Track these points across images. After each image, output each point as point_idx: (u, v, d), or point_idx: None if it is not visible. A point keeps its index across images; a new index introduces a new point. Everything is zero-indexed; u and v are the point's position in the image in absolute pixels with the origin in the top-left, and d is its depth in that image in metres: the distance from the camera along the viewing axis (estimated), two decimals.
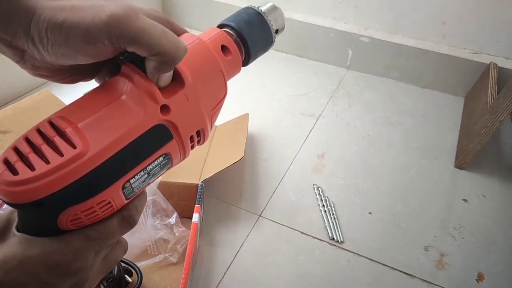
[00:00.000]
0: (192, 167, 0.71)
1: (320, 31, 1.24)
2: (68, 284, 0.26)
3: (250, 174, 0.84)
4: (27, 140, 0.24)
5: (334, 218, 0.75)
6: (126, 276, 0.55)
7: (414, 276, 0.66)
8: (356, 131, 1.00)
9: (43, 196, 0.23)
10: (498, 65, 1.08)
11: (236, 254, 0.67)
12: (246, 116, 0.86)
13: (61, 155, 0.23)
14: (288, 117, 1.03)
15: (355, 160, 0.90)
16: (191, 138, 0.29)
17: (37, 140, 0.23)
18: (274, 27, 0.34)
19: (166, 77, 0.26)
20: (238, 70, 0.32)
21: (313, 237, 0.72)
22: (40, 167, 0.22)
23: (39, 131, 0.24)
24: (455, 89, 1.17)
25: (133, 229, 0.29)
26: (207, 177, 0.67)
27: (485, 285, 0.66)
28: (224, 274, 0.64)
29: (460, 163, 0.89)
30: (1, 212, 0.58)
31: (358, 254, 0.69)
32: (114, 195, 0.26)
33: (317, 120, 1.03)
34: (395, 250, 0.70)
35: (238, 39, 0.31)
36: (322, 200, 0.78)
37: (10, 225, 0.26)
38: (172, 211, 0.64)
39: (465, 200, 0.82)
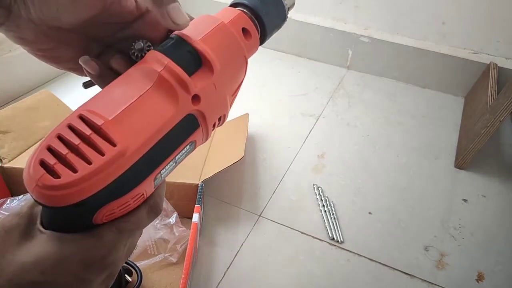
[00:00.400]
0: (192, 167, 0.71)
1: (320, 31, 1.24)
2: (102, 277, 0.26)
3: (250, 174, 0.84)
4: (61, 138, 0.22)
5: (334, 218, 0.75)
6: (126, 275, 0.55)
7: (414, 276, 0.66)
8: (356, 131, 1.00)
9: (85, 198, 0.22)
10: (498, 65, 1.08)
11: (236, 254, 0.67)
12: (246, 116, 0.86)
13: (102, 154, 0.22)
14: (288, 117, 1.03)
15: (355, 160, 0.90)
16: (213, 124, 0.29)
17: (73, 138, 0.22)
18: (287, 4, 0.33)
19: (176, 11, 0.25)
20: (255, 51, 0.32)
21: (313, 237, 0.72)
22: (83, 168, 0.21)
23: (71, 128, 0.22)
24: (455, 89, 1.17)
25: None
26: (207, 177, 0.67)
27: (485, 285, 0.66)
28: (224, 274, 0.64)
29: (460, 163, 0.89)
30: (13, 205, 0.58)
31: (358, 254, 0.69)
32: (147, 187, 0.26)
33: (317, 120, 1.03)
34: (395, 250, 0.70)
35: (254, 19, 0.31)
36: (322, 200, 0.78)
37: (34, 220, 0.25)
38: (172, 211, 0.64)
39: (465, 200, 0.82)
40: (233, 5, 0.31)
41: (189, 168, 0.69)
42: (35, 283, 0.22)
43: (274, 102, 1.08)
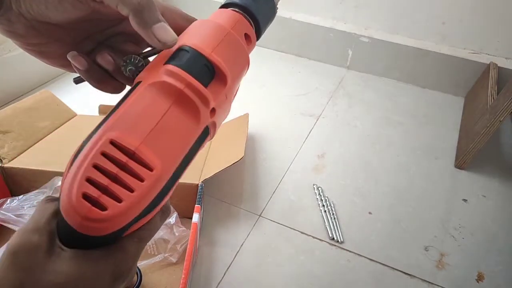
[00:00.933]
0: (192, 167, 0.70)
1: (320, 31, 1.24)
2: (125, 285, 0.26)
3: (250, 174, 0.84)
4: (98, 168, 0.22)
5: (334, 218, 0.75)
6: None
7: (414, 276, 0.66)
8: (356, 131, 1.00)
9: (127, 224, 0.22)
10: (498, 65, 1.08)
11: (236, 254, 0.67)
12: (246, 116, 0.86)
13: (142, 180, 0.22)
14: (288, 117, 1.03)
15: (355, 160, 0.90)
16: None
17: (110, 167, 0.22)
18: None
19: (161, 30, 0.25)
20: (251, 51, 0.32)
21: (313, 237, 0.72)
22: (127, 197, 0.22)
23: (106, 156, 0.22)
24: (455, 89, 1.17)
25: None
26: (207, 177, 0.67)
27: (485, 285, 0.66)
28: (224, 274, 0.64)
29: (460, 163, 0.89)
30: (13, 205, 0.58)
31: (358, 254, 0.69)
32: (168, 198, 0.26)
33: (317, 120, 1.03)
34: (395, 250, 0.70)
35: (249, 19, 0.30)
36: (322, 200, 0.78)
37: (53, 237, 0.24)
38: (172, 211, 0.64)
39: (465, 200, 0.82)
40: (226, 5, 0.31)
41: (189, 168, 0.69)
42: None
43: (274, 102, 1.08)
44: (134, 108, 0.24)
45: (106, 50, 0.29)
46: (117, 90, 0.32)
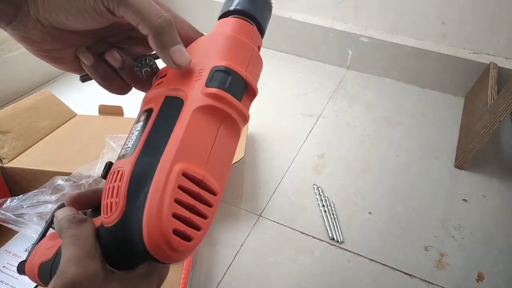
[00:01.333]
0: None
1: (320, 31, 1.24)
2: None
3: (250, 174, 0.84)
4: (179, 202, 0.23)
5: (334, 218, 0.75)
6: None
7: (414, 276, 0.66)
8: (356, 131, 1.00)
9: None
10: (498, 65, 1.08)
11: (236, 254, 0.67)
12: None
13: (210, 206, 0.24)
14: (288, 117, 1.03)
15: (355, 160, 0.90)
16: None
17: (188, 199, 0.23)
18: None
19: (176, 55, 0.26)
20: None
21: (313, 237, 0.72)
22: (204, 225, 0.24)
23: (182, 188, 0.23)
24: (455, 89, 1.17)
25: None
26: None
27: (485, 285, 0.66)
28: (224, 274, 0.64)
29: (460, 163, 0.89)
30: (13, 205, 0.58)
31: (358, 254, 0.69)
32: None
33: (317, 120, 1.03)
34: (395, 250, 0.70)
35: (254, 24, 0.31)
36: (322, 200, 0.78)
37: (104, 261, 0.25)
38: None
39: (465, 200, 0.82)
40: (232, 12, 0.31)
41: None
42: None
43: (274, 102, 1.08)
44: (191, 135, 0.25)
45: (114, 49, 0.30)
46: (122, 91, 0.32)
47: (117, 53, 0.30)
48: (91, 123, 0.79)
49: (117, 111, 0.85)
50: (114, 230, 0.24)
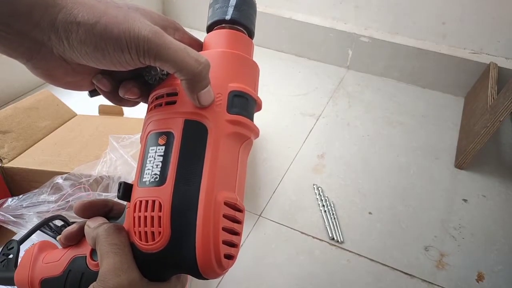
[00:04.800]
0: None
1: (320, 31, 1.24)
2: None
3: (250, 174, 0.84)
4: (226, 229, 0.26)
5: (334, 218, 0.75)
6: None
7: (414, 276, 0.66)
8: (356, 131, 1.00)
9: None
10: (498, 65, 1.08)
11: None
12: None
13: (240, 223, 0.27)
14: (288, 117, 1.03)
15: (355, 160, 0.90)
16: None
17: (231, 225, 0.26)
18: None
19: (205, 96, 0.26)
20: None
21: (313, 237, 0.72)
22: (238, 241, 0.27)
23: (226, 216, 0.26)
24: (455, 89, 1.17)
25: None
26: None
27: (485, 285, 0.66)
28: (224, 274, 0.64)
29: (460, 163, 0.89)
30: (13, 204, 0.58)
31: (358, 254, 0.69)
32: None
33: (317, 120, 1.03)
34: (395, 250, 0.70)
35: (243, 30, 0.31)
36: (322, 200, 0.78)
37: (141, 277, 0.26)
38: None
39: (465, 200, 0.82)
40: (223, 21, 0.31)
41: None
42: None
43: (274, 102, 1.08)
44: (223, 162, 0.27)
45: (131, 83, 0.29)
46: (135, 104, 0.33)
47: (135, 87, 0.29)
48: (91, 123, 0.79)
49: (117, 111, 0.85)
50: (159, 256, 0.26)
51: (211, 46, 0.30)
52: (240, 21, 0.30)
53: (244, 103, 0.28)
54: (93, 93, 0.32)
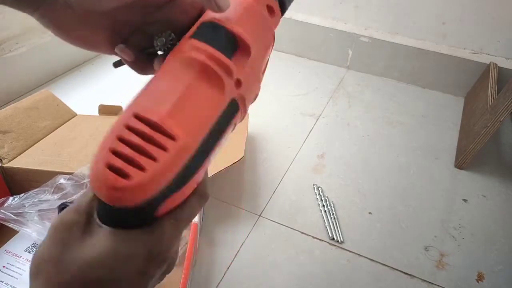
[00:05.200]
0: None
1: (320, 31, 1.24)
2: (163, 269, 0.26)
3: (250, 174, 0.84)
4: (123, 140, 0.22)
5: (334, 218, 0.75)
6: None
7: (414, 276, 0.66)
8: (356, 131, 1.00)
9: (154, 195, 0.22)
10: (498, 65, 1.08)
11: (236, 254, 0.67)
12: (246, 116, 0.86)
13: (165, 150, 0.22)
14: (288, 117, 1.03)
15: (355, 160, 0.90)
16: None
17: (134, 138, 0.22)
18: None
19: None
20: (276, 27, 0.32)
21: (313, 237, 0.72)
22: (150, 166, 0.22)
23: (130, 129, 0.23)
24: (455, 89, 1.17)
25: None
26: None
27: (485, 285, 0.66)
28: (224, 274, 0.64)
29: (460, 163, 0.89)
30: (14, 203, 0.58)
31: (358, 254, 0.69)
32: (201, 175, 0.26)
33: (317, 120, 1.03)
34: (395, 250, 0.70)
35: None
36: (322, 200, 0.78)
37: (92, 216, 0.25)
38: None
39: (465, 200, 0.82)
40: None
41: None
42: (100, 280, 0.23)
43: (274, 102, 1.08)
44: (158, 83, 0.25)
45: (159, 54, 0.29)
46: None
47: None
48: (91, 123, 0.79)
49: (117, 111, 0.85)
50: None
51: None
52: None
53: (208, 31, 0.26)
54: (117, 64, 0.31)
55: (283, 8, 0.31)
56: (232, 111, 0.27)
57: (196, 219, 0.60)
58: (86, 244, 0.23)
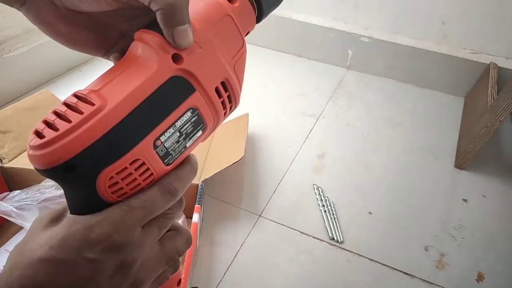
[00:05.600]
0: None
1: (320, 31, 1.24)
2: (114, 262, 0.25)
3: (250, 174, 0.84)
4: (55, 112, 0.24)
5: (334, 218, 0.75)
6: None
7: (414, 276, 0.66)
8: (356, 131, 1.00)
9: (71, 156, 0.23)
10: (498, 65, 1.08)
11: (236, 254, 0.67)
12: (246, 116, 0.86)
13: (81, 113, 0.24)
14: (288, 117, 1.03)
15: (355, 160, 0.90)
16: (218, 92, 0.29)
17: (62, 108, 0.24)
18: None
19: (182, 33, 0.25)
20: (252, 24, 0.31)
21: (313, 237, 0.72)
22: (63, 127, 0.23)
23: (65, 103, 0.25)
24: (455, 89, 1.17)
25: None
26: (207, 177, 0.67)
27: (485, 285, 0.66)
28: (224, 274, 0.64)
29: (460, 163, 0.89)
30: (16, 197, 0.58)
31: (358, 254, 0.69)
32: (147, 155, 0.26)
33: (317, 120, 1.03)
34: (395, 250, 0.70)
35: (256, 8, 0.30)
36: (322, 200, 0.78)
37: (66, 212, 0.26)
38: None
39: (465, 200, 0.82)
40: None
41: None
42: (43, 260, 0.23)
43: (274, 102, 1.08)
44: (109, 69, 0.27)
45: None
46: None
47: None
48: None
49: None
50: None
51: None
52: None
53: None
54: None
55: (259, 5, 0.31)
56: (181, 90, 0.27)
57: (196, 219, 0.60)
58: (47, 230, 0.25)
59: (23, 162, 0.66)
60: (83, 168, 0.24)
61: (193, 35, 0.26)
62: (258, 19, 0.32)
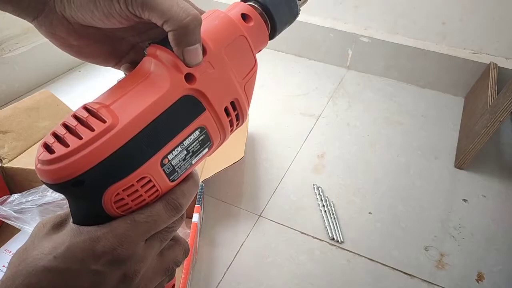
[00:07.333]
0: None
1: (320, 31, 1.24)
2: (117, 274, 0.25)
3: (250, 174, 0.84)
4: (64, 125, 0.24)
5: (334, 218, 0.75)
6: None
7: (414, 276, 0.66)
8: (356, 131, 1.00)
9: (81, 173, 0.23)
10: (498, 65, 1.08)
11: (236, 254, 0.67)
12: None
13: (92, 130, 0.23)
14: (288, 117, 1.03)
15: (355, 160, 0.90)
16: (227, 111, 0.29)
17: (72, 122, 0.24)
18: None
19: (192, 53, 0.26)
20: (265, 42, 0.32)
21: (313, 237, 0.72)
22: (74, 143, 0.23)
23: (75, 116, 0.25)
24: (455, 89, 1.17)
25: None
26: (207, 177, 0.67)
27: (485, 285, 0.66)
28: (224, 274, 0.64)
29: (460, 163, 0.89)
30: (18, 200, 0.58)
31: (358, 254, 0.69)
32: (154, 172, 0.26)
33: (317, 120, 1.03)
34: (395, 250, 0.70)
35: (262, 11, 0.30)
36: (322, 200, 0.78)
37: (68, 219, 0.26)
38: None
39: (465, 200, 0.82)
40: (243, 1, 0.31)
41: None
42: (48, 269, 0.23)
43: (274, 102, 1.08)
44: (120, 83, 0.27)
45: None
46: None
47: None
48: None
49: None
50: None
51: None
52: (265, 5, 0.30)
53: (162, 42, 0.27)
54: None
55: (273, 27, 0.31)
56: (191, 109, 0.27)
57: (196, 219, 0.60)
58: (49, 239, 0.25)
59: (23, 162, 0.66)
60: (91, 184, 0.24)
61: (207, 54, 0.27)
62: (271, 37, 0.32)
